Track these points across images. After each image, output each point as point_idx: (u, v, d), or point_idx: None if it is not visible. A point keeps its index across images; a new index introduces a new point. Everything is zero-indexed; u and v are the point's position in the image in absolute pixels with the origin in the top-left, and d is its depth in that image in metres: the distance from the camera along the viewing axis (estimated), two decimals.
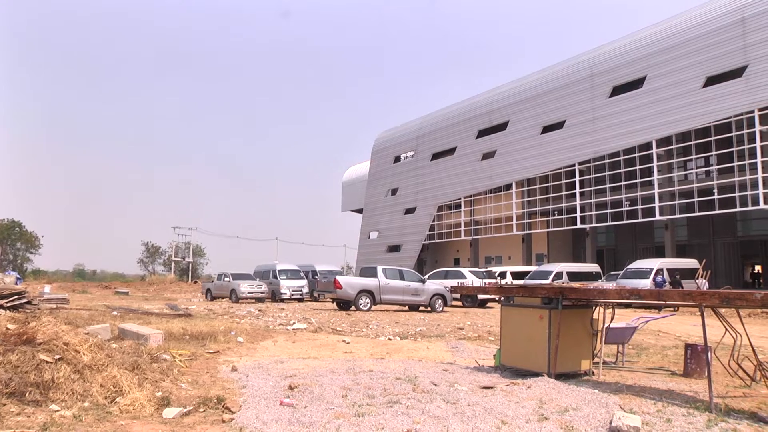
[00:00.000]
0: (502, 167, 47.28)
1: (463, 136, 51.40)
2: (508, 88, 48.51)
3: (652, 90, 37.46)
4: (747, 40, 33.01)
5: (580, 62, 42.97)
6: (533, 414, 5.78)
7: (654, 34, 38.11)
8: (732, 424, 5.58)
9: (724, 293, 6.17)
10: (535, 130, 44.99)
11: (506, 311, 8.74)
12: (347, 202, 70.88)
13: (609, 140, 39.89)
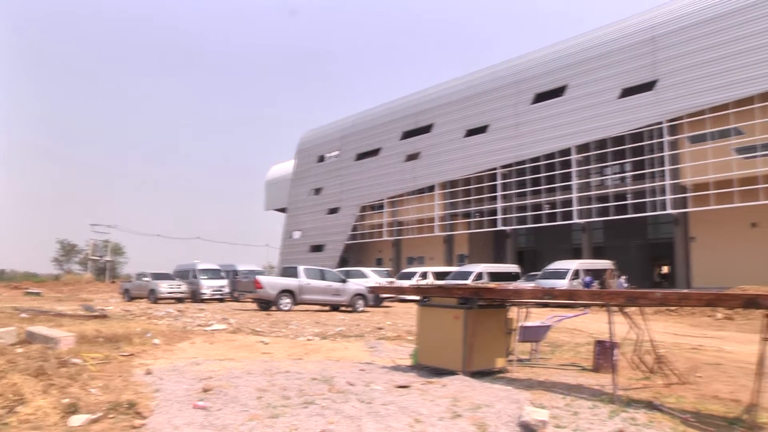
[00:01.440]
0: (426, 169, 47.83)
1: (388, 137, 51.74)
2: (434, 91, 49.14)
3: (572, 99, 38.82)
4: (657, 56, 34.88)
5: (504, 69, 43.98)
6: (447, 412, 5.86)
7: (575, 45, 39.55)
8: (631, 413, 5.86)
9: (628, 293, 6.53)
10: (459, 133, 45.72)
11: (423, 311, 8.81)
12: (271, 201, 70.23)
13: (531, 145, 40.95)
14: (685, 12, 34.44)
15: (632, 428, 5.37)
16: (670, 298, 6.28)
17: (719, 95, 32.57)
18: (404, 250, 52.82)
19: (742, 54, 31.81)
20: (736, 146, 32.59)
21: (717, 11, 33.07)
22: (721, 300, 5.99)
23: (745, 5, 32.01)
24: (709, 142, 33.46)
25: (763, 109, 31.28)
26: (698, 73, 33.33)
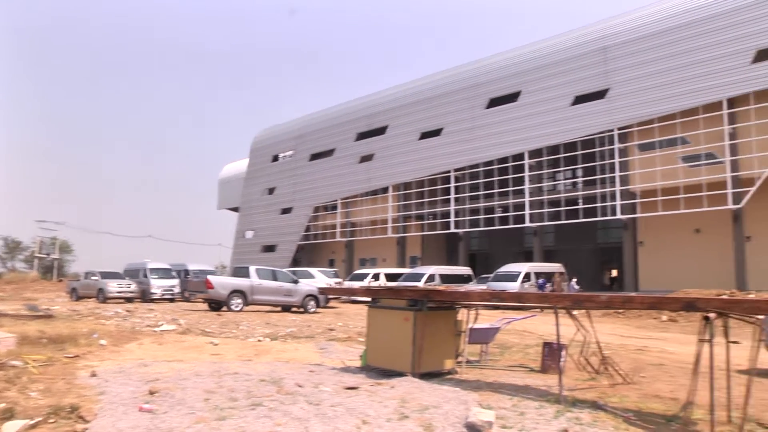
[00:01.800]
0: (380, 170, 47.94)
1: (343, 138, 51.72)
2: (389, 94, 49.28)
3: (526, 104, 39.46)
4: (608, 66, 35.80)
5: (459, 73, 44.38)
6: (394, 413, 5.88)
7: (529, 52, 40.24)
8: (576, 413, 5.98)
9: (575, 296, 6.68)
10: (413, 135, 45.95)
11: (373, 313, 8.82)
12: (224, 199, 69.44)
13: (484, 149, 41.40)
14: (635, 25, 35.47)
15: (576, 427, 5.46)
16: (614, 301, 6.45)
17: (667, 105, 33.54)
18: (357, 251, 52.81)
19: (688, 67, 32.89)
20: (682, 155, 33.57)
21: (665, 26, 34.16)
22: (662, 303, 6.17)
23: (691, 21, 33.22)
24: (657, 150, 34.39)
25: (708, 119, 32.34)
26: (647, 83, 34.26)
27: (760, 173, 30.71)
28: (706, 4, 32.93)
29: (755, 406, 6.44)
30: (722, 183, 32.00)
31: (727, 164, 31.86)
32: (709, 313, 5.49)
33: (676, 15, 33.86)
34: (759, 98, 30.93)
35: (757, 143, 31.01)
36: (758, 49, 30.95)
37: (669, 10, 34.43)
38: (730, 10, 31.93)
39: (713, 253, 33.23)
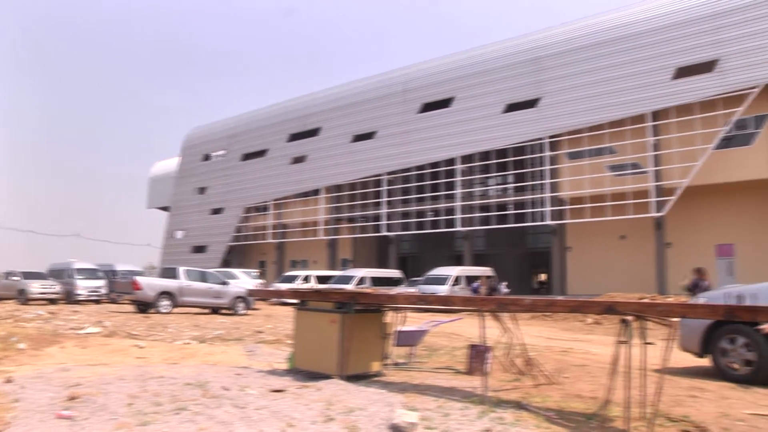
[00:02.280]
0: (312, 172, 47.78)
1: (275, 138, 51.34)
2: (323, 95, 49.18)
3: (458, 110, 40.03)
4: (540, 76, 36.72)
5: (393, 77, 44.67)
6: (320, 416, 5.85)
7: (463, 59, 40.85)
8: (500, 413, 6.06)
9: (500, 299, 6.85)
10: (346, 138, 45.99)
11: (300, 315, 8.78)
12: (154, 198, 67.69)
13: (417, 153, 41.77)
14: (567, 38, 36.60)
15: (499, 427, 5.54)
16: (538, 304, 6.62)
17: (595, 116, 34.68)
18: (288, 253, 52.47)
19: (615, 80, 34.18)
20: (609, 164, 34.73)
21: (595, 40, 35.46)
22: (583, 307, 6.35)
23: (619, 37, 34.57)
24: (585, 159, 35.49)
25: (634, 131, 33.65)
26: (577, 94, 35.35)
27: (681, 183, 32.03)
28: (633, 21, 34.34)
29: (666, 402, 6.73)
30: (646, 192, 33.26)
31: (651, 174, 33.16)
32: (626, 316, 5.68)
33: (605, 30, 35.13)
34: (680, 112, 32.41)
35: (678, 155, 32.39)
36: (678, 66, 32.48)
37: (598, 25, 35.71)
38: (654, 29, 33.39)
39: (637, 259, 34.44)
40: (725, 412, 6.46)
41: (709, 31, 31.79)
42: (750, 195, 32.23)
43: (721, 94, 31.32)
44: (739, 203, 32.81)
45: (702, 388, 7.93)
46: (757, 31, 30.47)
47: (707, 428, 5.78)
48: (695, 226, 33.66)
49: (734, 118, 31.12)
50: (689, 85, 32.20)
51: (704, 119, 31.78)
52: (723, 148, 31.84)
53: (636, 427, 5.71)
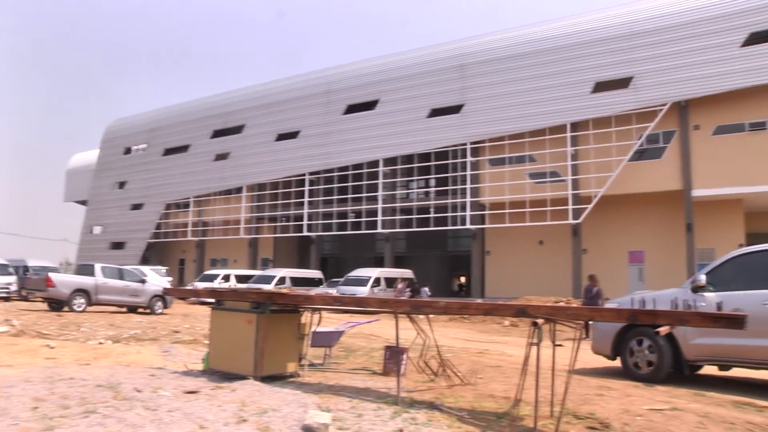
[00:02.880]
0: (235, 170, 47.18)
1: (198, 134, 50.41)
2: (247, 92, 48.62)
3: (383, 113, 40.28)
4: (465, 83, 37.36)
5: (319, 77, 44.58)
6: (233, 417, 5.76)
7: (389, 63, 41.15)
8: (413, 413, 6.10)
9: (414, 301, 6.94)
10: (270, 136, 45.61)
11: (216, 315, 8.66)
12: (71, 192, 65.13)
13: (340, 154, 41.81)
14: (492, 47, 37.44)
15: (411, 427, 5.58)
16: (452, 307, 6.73)
17: (517, 125, 35.58)
18: (208, 251, 51.64)
19: (537, 91, 35.24)
20: (529, 171, 35.64)
21: (519, 51, 36.48)
22: (496, 309, 6.49)
23: (541, 49, 35.73)
24: (506, 165, 36.33)
25: (553, 140, 34.71)
26: (500, 102, 36.20)
27: (597, 192, 33.20)
28: (555, 36, 35.53)
29: (574, 400, 6.97)
30: (564, 199, 34.31)
31: (569, 183, 34.25)
32: (537, 318, 5.84)
33: (529, 42, 36.16)
34: (597, 125, 33.75)
35: (595, 165, 33.62)
36: (596, 81, 33.85)
37: (522, 37, 36.73)
38: (575, 44, 34.66)
39: (554, 264, 35.49)
40: (627, 408, 6.74)
41: (626, 50, 33.22)
42: (660, 205, 33.80)
43: (635, 110, 32.80)
44: (650, 213, 34.36)
45: (608, 387, 8.22)
46: (668, 53, 32.16)
47: (610, 424, 6.01)
48: (609, 234, 35.03)
49: (646, 133, 32.63)
50: (606, 100, 33.54)
51: (619, 132, 33.15)
52: (636, 161, 33.25)
53: (544, 424, 5.88)
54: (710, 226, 32.66)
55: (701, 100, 31.94)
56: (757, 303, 8.20)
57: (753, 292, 8.38)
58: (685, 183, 32.05)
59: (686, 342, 8.80)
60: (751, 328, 7.79)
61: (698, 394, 8.11)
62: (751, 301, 8.23)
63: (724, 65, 30.83)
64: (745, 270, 8.81)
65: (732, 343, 8.36)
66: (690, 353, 8.83)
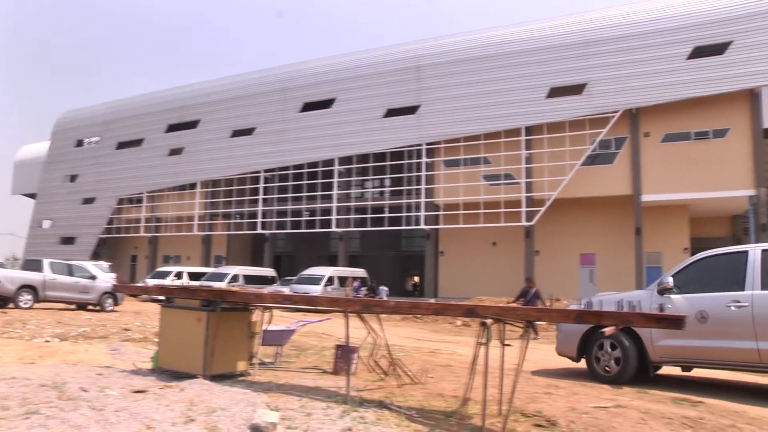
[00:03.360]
0: (189, 165, 46.59)
1: (153, 128, 49.57)
2: (203, 87, 48.03)
3: (339, 112, 40.28)
4: (421, 84, 37.57)
5: (275, 74, 44.30)
6: (181, 416, 5.70)
7: (346, 62, 41.13)
8: (362, 412, 6.13)
9: (364, 301, 6.97)
10: (225, 132, 45.17)
11: (166, 312, 8.53)
12: (19, 184, 63.11)
13: (296, 152, 41.65)
14: (448, 49, 37.75)
15: (360, 426, 5.60)
16: (402, 306, 6.78)
17: (472, 127, 35.94)
18: (161, 247, 50.88)
19: (493, 94, 35.72)
20: (484, 173, 36.02)
21: (476, 54, 36.88)
22: (446, 309, 6.56)
23: (499, 53, 36.24)
24: (461, 167, 36.63)
25: (508, 143, 35.19)
26: (456, 104, 36.51)
27: (550, 195, 33.76)
28: (512, 41, 36.00)
29: (523, 399, 7.12)
30: (517, 202, 34.80)
31: (523, 185, 34.72)
32: (486, 319, 5.92)
33: (486, 46, 36.56)
34: (551, 129, 34.36)
35: (548, 169, 34.19)
36: (551, 86, 34.43)
37: (480, 40, 37.07)
38: (531, 49, 35.22)
39: (507, 265, 35.93)
40: (573, 406, 6.90)
41: (580, 57, 33.92)
42: (611, 209, 34.59)
43: (588, 115, 33.50)
44: (601, 216, 35.12)
45: (556, 386, 8.39)
46: (621, 62, 33.07)
47: (557, 421, 6.14)
48: (561, 236, 35.68)
49: (599, 138, 33.35)
50: (561, 105, 34.14)
51: (573, 137, 33.81)
52: (588, 165, 33.94)
53: (492, 423, 5.96)
54: (658, 230, 33.66)
55: (651, 109, 32.86)
56: (721, 305, 8.35)
57: (717, 294, 8.48)
58: (634, 188, 32.88)
59: (652, 344, 8.88)
60: (716, 330, 8.27)
61: (641, 391, 8.36)
62: (715, 303, 8.40)
63: (671, 76, 31.92)
64: (710, 272, 8.90)
65: (698, 344, 8.50)
66: (656, 355, 8.91)
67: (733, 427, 6.17)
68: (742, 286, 8.30)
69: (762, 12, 30.65)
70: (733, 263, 8.68)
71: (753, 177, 30.76)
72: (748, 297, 8.17)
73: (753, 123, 31.21)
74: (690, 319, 8.07)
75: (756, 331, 8.02)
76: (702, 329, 8.40)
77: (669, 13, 32.62)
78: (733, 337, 8.22)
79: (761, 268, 8.22)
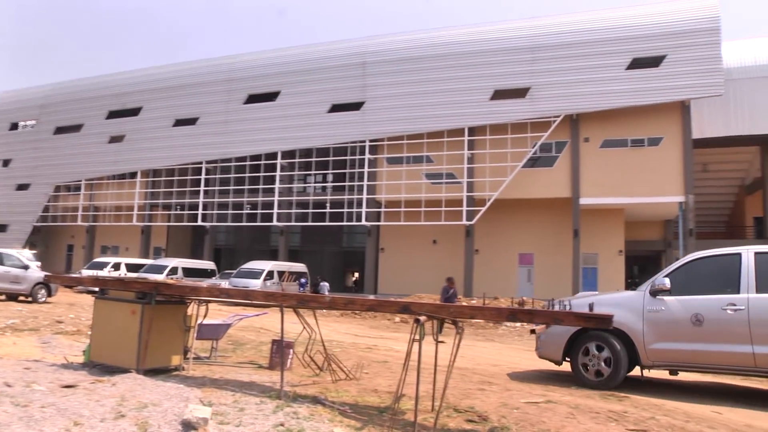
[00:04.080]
0: (130, 154, 45.55)
1: (93, 114, 48.11)
2: (146, 74, 46.92)
3: (284, 105, 40.03)
4: (366, 81, 37.79)
5: (220, 64, 43.69)
6: (111, 412, 5.60)
7: (291, 55, 40.92)
8: (295, 407, 6.16)
9: (300, 295, 7.02)
10: (167, 121, 44.34)
11: (99, 305, 8.35)
12: None
13: (239, 144, 41.23)
14: (394, 47, 37.95)
15: (293, 421, 5.63)
16: (337, 302, 6.83)
17: (416, 125, 36.24)
18: (99, 237, 49.64)
19: (437, 94, 36.15)
20: (426, 171, 36.33)
21: (421, 53, 37.25)
22: (381, 306, 6.65)
23: (444, 54, 36.67)
24: (404, 165, 36.87)
25: (451, 143, 35.59)
26: (401, 102, 36.78)
27: (491, 195, 34.27)
28: (458, 42, 36.46)
29: (456, 395, 7.26)
30: (459, 201, 35.23)
31: (464, 185, 35.16)
32: (420, 316, 6.02)
33: (432, 46, 36.92)
34: (494, 131, 34.91)
35: (489, 169, 34.74)
36: (495, 89, 35.07)
37: (426, 40, 37.41)
38: (477, 51, 35.77)
39: (447, 263, 36.34)
40: (505, 402, 7.06)
41: (525, 62, 34.61)
42: (550, 211, 35.42)
43: (530, 119, 34.21)
44: (540, 217, 35.92)
45: (490, 382, 8.56)
46: (564, 69, 33.98)
47: (488, 416, 6.28)
48: (501, 236, 36.34)
49: (540, 142, 34.06)
50: (504, 107, 34.75)
51: (515, 139, 34.44)
52: (530, 167, 34.64)
53: (425, 418, 6.08)
54: (594, 232, 34.67)
55: (591, 115, 33.80)
56: (716, 308, 8.23)
57: (713, 297, 8.33)
58: (573, 191, 33.70)
59: (644, 347, 8.59)
60: (712, 334, 8.26)
61: (572, 387, 8.60)
62: (711, 306, 8.27)
63: (611, 84, 33.05)
64: (702, 274, 8.72)
65: (692, 348, 8.33)
66: (648, 358, 8.62)
67: (653, 419, 6.43)
68: (736, 288, 8.21)
69: (693, 30, 32.30)
70: (726, 265, 8.57)
71: (683, 184, 32.11)
72: (744, 300, 8.09)
73: (684, 133, 32.66)
74: (684, 323, 8.37)
75: (752, 335, 7.97)
76: (697, 332, 8.28)
77: (611, 25, 33.76)
78: (728, 341, 8.12)
79: (755, 271, 8.18)
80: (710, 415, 7.17)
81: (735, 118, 35.34)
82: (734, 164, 42.22)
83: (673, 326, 8.45)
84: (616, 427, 6.05)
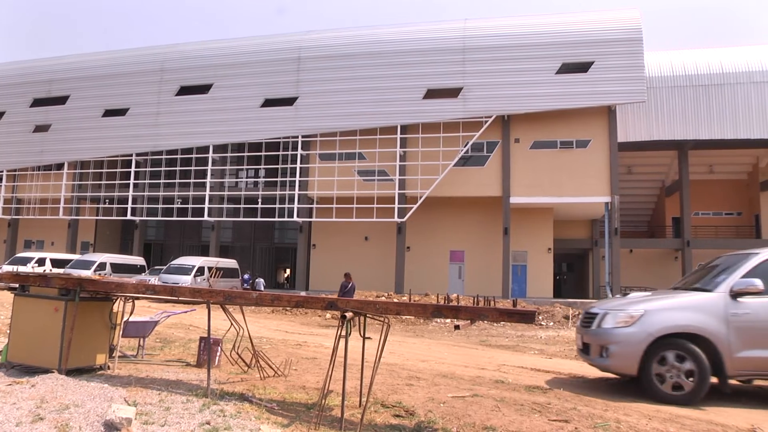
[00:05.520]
0: (56, 144, 43.93)
1: (16, 101, 45.93)
2: (74, 61, 45.20)
3: (216, 98, 39.42)
4: (300, 76, 37.79)
5: (151, 54, 42.59)
6: (29, 415, 5.48)
7: (225, 47, 40.40)
8: (222, 405, 6.18)
9: (227, 292, 7.03)
10: (96, 111, 42.96)
11: (19, 302, 8.04)
12: None
13: (170, 137, 40.40)
14: (328, 44, 37.96)
15: (219, 419, 5.63)
16: (264, 298, 6.87)
17: (349, 122, 36.31)
18: (22, 231, 47.75)
19: (371, 91, 36.40)
20: (358, 169, 36.48)
21: (355, 51, 37.33)
22: (307, 302, 6.73)
23: (378, 52, 36.90)
24: (336, 161, 36.88)
25: (383, 140, 35.88)
26: (334, 99, 36.78)
27: (423, 193, 34.68)
28: (392, 40, 36.72)
29: (384, 390, 7.44)
30: (391, 198, 35.52)
31: (396, 182, 35.46)
32: (346, 312, 6.11)
33: (365, 44, 37.09)
34: (426, 130, 35.39)
35: (422, 167, 35.15)
36: (428, 88, 35.41)
37: (361, 37, 37.56)
38: (411, 50, 36.10)
39: (379, 259, 36.64)
40: (433, 396, 7.28)
41: (458, 62, 35.12)
42: (480, 209, 36.14)
43: (462, 118, 34.76)
44: (471, 215, 36.60)
45: (418, 378, 8.76)
46: (496, 71, 34.68)
47: (415, 411, 6.45)
48: (432, 233, 36.82)
49: (472, 141, 34.66)
50: (437, 107, 35.15)
51: (447, 138, 34.94)
52: (461, 166, 35.18)
53: (353, 414, 6.18)
54: (524, 230, 35.61)
55: (522, 117, 34.64)
56: None
57: None
58: (504, 190, 34.42)
59: (731, 355, 7.70)
60: None
61: (498, 381, 8.88)
62: None
63: (541, 88, 33.96)
64: None
65: None
66: (735, 368, 7.74)
67: (574, 410, 6.74)
68: None
69: (618, 39, 33.71)
70: None
71: (609, 185, 33.30)
72: None
73: (610, 137, 34.00)
74: None
75: None
76: None
77: (542, 30, 34.71)
78: None
79: None
80: (628, 404, 7.52)
81: (656, 124, 36.94)
82: (655, 167, 44.04)
83: (764, 331, 7.78)
84: (539, 418, 6.29)
